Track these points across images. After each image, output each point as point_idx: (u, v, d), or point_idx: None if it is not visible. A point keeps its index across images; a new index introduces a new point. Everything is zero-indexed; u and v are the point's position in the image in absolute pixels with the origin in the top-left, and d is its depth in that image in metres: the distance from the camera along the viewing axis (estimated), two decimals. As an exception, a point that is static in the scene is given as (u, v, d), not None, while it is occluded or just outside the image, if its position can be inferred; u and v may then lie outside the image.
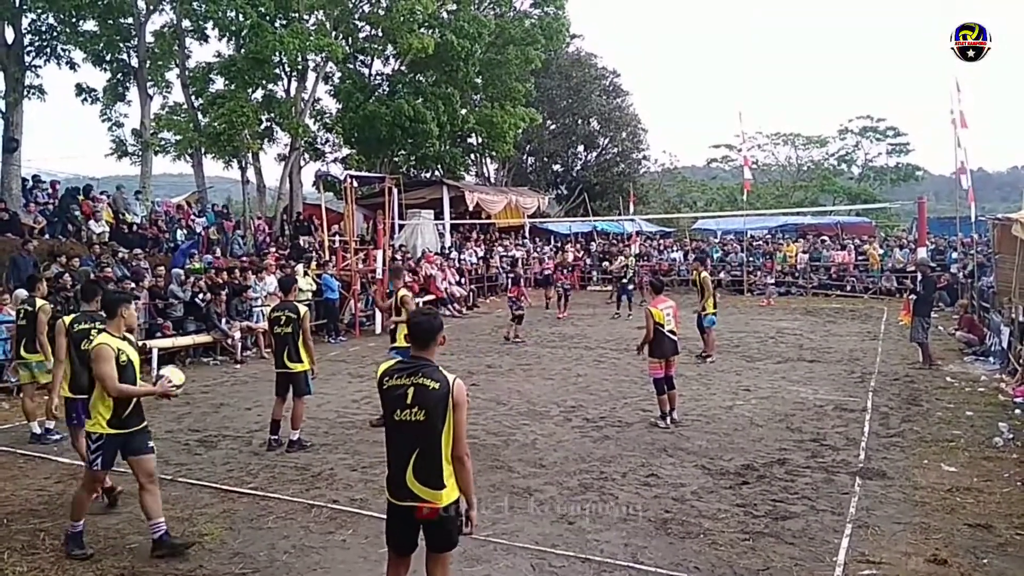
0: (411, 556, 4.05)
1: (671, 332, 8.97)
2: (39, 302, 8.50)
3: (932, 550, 5.38)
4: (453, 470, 3.89)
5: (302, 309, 8.35)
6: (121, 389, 5.34)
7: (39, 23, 20.20)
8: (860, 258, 25.68)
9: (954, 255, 22.56)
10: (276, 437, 8.24)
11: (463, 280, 23.69)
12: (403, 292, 9.47)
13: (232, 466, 7.66)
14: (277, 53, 21.26)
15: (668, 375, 9.00)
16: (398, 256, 20.52)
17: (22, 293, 10.84)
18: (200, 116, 22.98)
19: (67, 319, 6.91)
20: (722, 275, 26.16)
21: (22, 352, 8.66)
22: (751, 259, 27.23)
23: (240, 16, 21.25)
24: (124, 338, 5.61)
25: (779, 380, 11.59)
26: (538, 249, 30.45)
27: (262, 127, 24.09)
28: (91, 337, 6.14)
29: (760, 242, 29.43)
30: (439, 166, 31.50)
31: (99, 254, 15.26)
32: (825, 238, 28.26)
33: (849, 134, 47.47)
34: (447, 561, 4.04)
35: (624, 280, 20.60)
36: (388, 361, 4.05)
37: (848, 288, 24.73)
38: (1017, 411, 9.42)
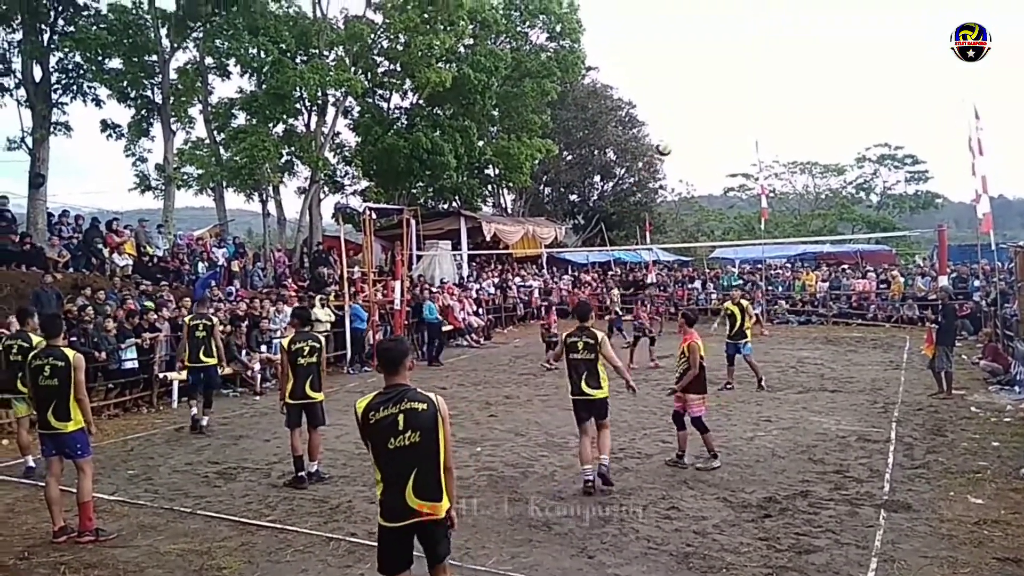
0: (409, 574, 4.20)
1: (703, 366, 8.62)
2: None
3: (960, 585, 5.27)
4: (445, 480, 4.15)
5: (322, 340, 8.52)
6: None
7: (66, 61, 20.71)
8: (881, 286, 25.47)
9: (976, 283, 22.31)
10: (303, 473, 8.04)
11: (480, 310, 23.74)
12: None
13: (251, 498, 7.67)
14: (298, 88, 21.68)
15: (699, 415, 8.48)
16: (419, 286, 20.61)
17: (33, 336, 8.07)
18: (222, 150, 23.35)
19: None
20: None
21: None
22: (770, 288, 27.10)
23: (262, 53, 21.73)
24: None
25: (800, 410, 11.45)
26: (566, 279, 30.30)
27: (283, 161, 24.44)
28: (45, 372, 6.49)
29: (777, 270, 29.30)
30: (456, 197, 31.79)
31: (120, 287, 15.45)
32: (845, 266, 28.08)
33: (867, 162, 47.41)
34: (448, 569, 4.25)
35: (614, 315, 20.45)
36: (365, 397, 4.16)
37: (869, 317, 24.49)
38: (1045, 442, 9.25)
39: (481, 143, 29.81)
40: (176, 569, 5.86)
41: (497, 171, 32.30)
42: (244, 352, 14.70)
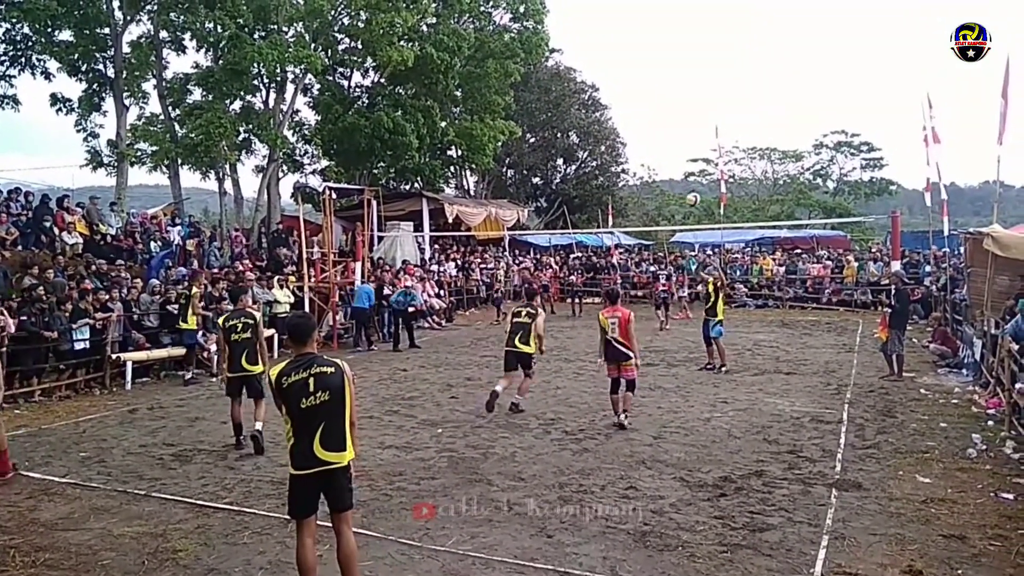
0: (315, 518, 4.77)
1: (615, 339, 9.38)
2: None
3: (907, 561, 5.42)
4: (350, 433, 4.77)
5: (257, 316, 9.04)
6: None
7: (13, 32, 20.00)
8: (836, 271, 25.97)
9: (927, 268, 22.86)
10: (242, 436, 8.64)
11: (442, 292, 23.67)
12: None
13: (207, 480, 7.56)
14: (255, 64, 21.22)
15: (628, 379, 9.52)
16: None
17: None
18: (177, 127, 22.83)
19: None
20: (699, 288, 26.29)
21: None
22: (729, 272, 27.44)
23: (218, 27, 21.21)
24: None
25: (756, 392, 11.65)
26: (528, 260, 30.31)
27: (240, 138, 23.99)
28: None
29: (735, 254, 29.69)
30: (418, 178, 31.53)
31: (64, 266, 15.02)
32: (800, 251, 28.57)
33: (824, 149, 48.12)
34: (350, 519, 4.87)
35: (495, 292, 23.20)
36: (277, 365, 4.81)
37: (824, 301, 24.97)
38: (990, 423, 9.54)
39: (444, 124, 29.57)
40: (130, 552, 5.76)
41: (460, 152, 32.09)
42: (200, 333, 14.45)
